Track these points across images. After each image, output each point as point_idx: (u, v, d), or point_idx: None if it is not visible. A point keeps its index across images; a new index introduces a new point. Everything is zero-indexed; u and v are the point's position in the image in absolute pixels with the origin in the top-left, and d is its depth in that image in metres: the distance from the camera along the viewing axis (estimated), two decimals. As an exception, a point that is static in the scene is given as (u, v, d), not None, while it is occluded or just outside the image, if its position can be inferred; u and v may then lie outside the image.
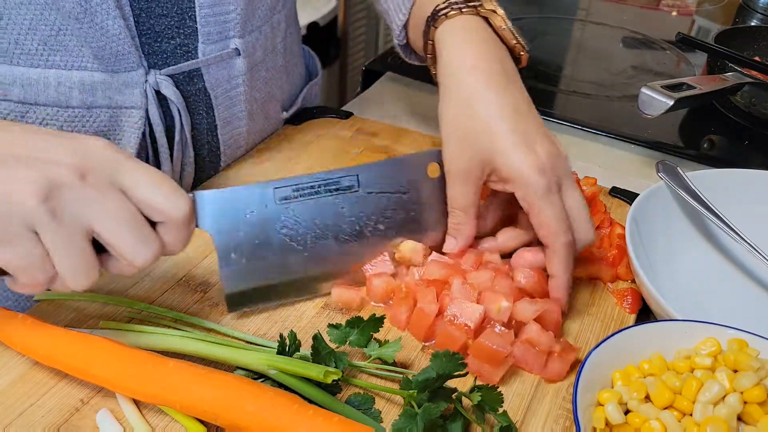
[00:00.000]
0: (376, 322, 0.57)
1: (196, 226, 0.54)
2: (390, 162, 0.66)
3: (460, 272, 0.63)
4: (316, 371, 0.50)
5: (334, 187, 0.62)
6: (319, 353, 0.54)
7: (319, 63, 0.98)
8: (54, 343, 0.53)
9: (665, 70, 1.18)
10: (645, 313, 0.66)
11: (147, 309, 0.60)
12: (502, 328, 0.58)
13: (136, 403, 0.53)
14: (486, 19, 0.62)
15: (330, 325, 0.57)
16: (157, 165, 0.73)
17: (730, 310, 0.68)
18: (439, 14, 0.63)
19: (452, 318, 0.58)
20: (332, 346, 0.55)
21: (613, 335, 0.54)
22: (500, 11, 0.61)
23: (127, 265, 0.48)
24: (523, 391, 0.57)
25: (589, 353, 0.52)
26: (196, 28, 0.68)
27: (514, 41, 0.63)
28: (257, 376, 0.53)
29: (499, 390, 0.51)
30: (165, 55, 0.68)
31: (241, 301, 0.61)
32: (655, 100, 0.85)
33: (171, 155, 0.73)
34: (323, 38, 2.15)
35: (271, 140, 0.88)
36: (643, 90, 0.86)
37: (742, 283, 0.72)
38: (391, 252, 0.65)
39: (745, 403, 0.49)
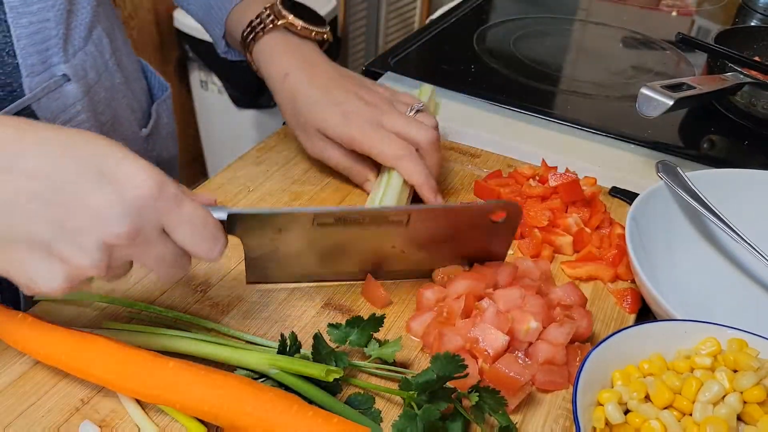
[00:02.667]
0: (376, 321, 0.57)
1: (230, 233, 0.55)
2: (450, 209, 0.63)
3: (491, 284, 0.63)
4: (317, 370, 0.50)
5: (380, 221, 0.60)
6: (320, 353, 0.54)
7: (163, 79, 0.92)
8: (54, 343, 0.53)
9: (665, 70, 1.18)
10: (645, 313, 0.66)
11: (147, 309, 0.60)
12: (525, 358, 0.57)
13: (140, 403, 0.53)
14: (285, 27, 0.73)
15: (330, 325, 0.57)
16: None
17: (730, 310, 0.68)
18: (248, 40, 0.74)
19: (473, 341, 0.57)
20: (332, 345, 0.55)
21: (612, 335, 0.54)
22: (291, 17, 0.72)
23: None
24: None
25: (589, 353, 0.52)
26: (18, 63, 0.62)
27: (313, 32, 0.74)
28: (258, 376, 0.53)
29: (501, 393, 0.51)
30: None
31: (260, 278, 0.64)
32: (655, 100, 0.85)
33: None
34: (323, 38, 2.14)
35: (270, 139, 0.88)
36: (643, 90, 0.85)
37: (742, 283, 0.72)
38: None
39: (745, 403, 0.49)
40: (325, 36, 0.76)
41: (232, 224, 0.55)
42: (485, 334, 0.57)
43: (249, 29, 0.74)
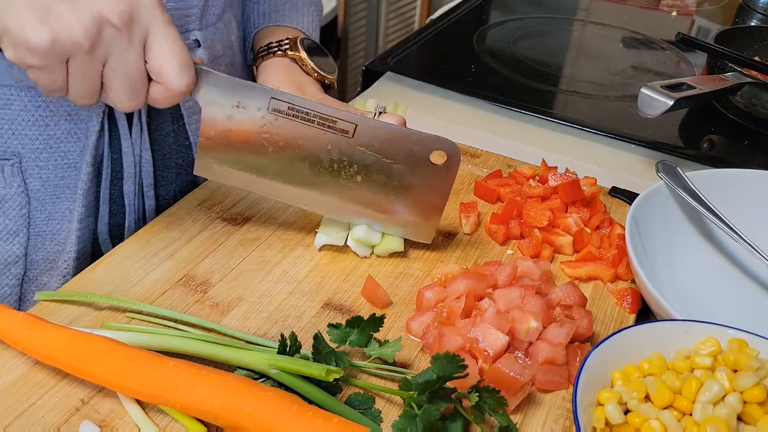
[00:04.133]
0: (376, 321, 0.57)
1: (190, 95, 0.60)
2: (395, 129, 0.65)
3: (491, 284, 0.63)
4: (318, 369, 0.50)
5: (328, 124, 0.63)
6: (320, 352, 0.54)
7: None
8: (54, 343, 0.53)
9: (665, 70, 1.19)
10: (645, 313, 0.66)
11: (147, 309, 0.60)
12: (525, 358, 0.57)
13: (140, 403, 0.53)
14: (293, 59, 0.80)
15: (330, 325, 0.57)
16: (118, 142, 0.73)
17: (730, 310, 0.68)
18: (259, 55, 0.82)
19: (473, 341, 0.57)
20: (332, 345, 0.55)
21: (613, 335, 0.54)
22: (303, 54, 0.80)
23: (114, 104, 0.57)
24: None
25: (589, 353, 0.52)
26: None
27: (315, 74, 0.80)
28: (258, 376, 0.54)
29: (501, 393, 0.51)
30: None
31: (209, 168, 0.67)
32: (655, 100, 0.85)
33: (130, 135, 0.73)
34: (323, 38, 2.15)
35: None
36: (643, 90, 0.86)
37: (742, 283, 0.72)
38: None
39: (745, 402, 0.49)
40: (326, 81, 0.82)
41: (199, 78, 0.60)
42: (485, 334, 0.57)
43: (265, 48, 0.82)
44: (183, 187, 0.82)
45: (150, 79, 0.56)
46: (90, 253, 0.76)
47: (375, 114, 0.75)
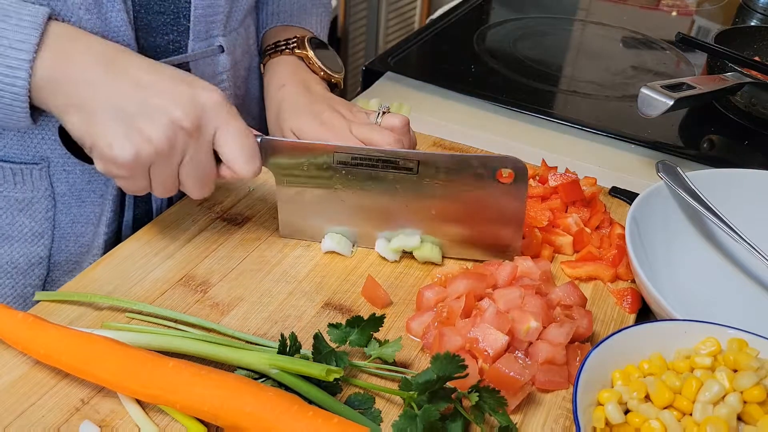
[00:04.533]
0: (376, 321, 0.57)
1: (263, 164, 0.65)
2: (457, 156, 0.66)
3: (491, 284, 0.64)
4: (318, 369, 0.50)
5: (392, 164, 0.66)
6: (321, 352, 0.54)
7: None
8: (54, 343, 0.54)
9: (665, 70, 1.19)
10: (645, 313, 0.66)
11: (147, 309, 0.60)
12: (525, 358, 0.57)
13: (140, 403, 0.53)
14: (301, 57, 0.83)
15: (330, 325, 0.57)
16: None
17: (730, 310, 0.68)
18: (266, 53, 0.85)
19: (473, 341, 0.57)
20: (332, 345, 0.55)
21: (613, 335, 0.54)
22: (310, 53, 0.82)
23: (189, 193, 0.63)
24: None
25: (589, 353, 0.52)
26: (189, 26, 0.73)
27: (322, 72, 0.82)
28: (258, 376, 0.53)
29: (501, 393, 0.51)
30: (158, 49, 0.71)
31: (291, 228, 0.72)
32: (655, 100, 0.85)
33: None
34: (323, 38, 2.14)
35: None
36: (643, 90, 0.86)
37: (742, 283, 0.72)
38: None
39: (745, 402, 0.49)
40: (333, 80, 0.83)
41: (264, 151, 0.64)
42: (485, 334, 0.57)
43: (273, 46, 0.84)
44: None
45: (219, 161, 0.62)
46: None
47: (378, 113, 0.75)
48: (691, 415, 0.49)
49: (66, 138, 0.61)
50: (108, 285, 0.64)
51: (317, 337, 0.54)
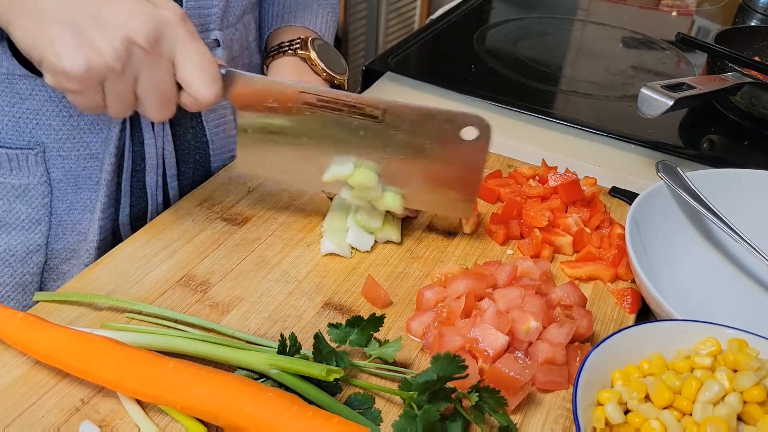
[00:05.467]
0: (376, 321, 0.57)
1: (224, 98, 0.63)
2: (423, 108, 0.66)
3: (491, 284, 0.64)
4: (318, 369, 0.50)
5: (357, 110, 0.65)
6: (321, 352, 0.54)
7: None
8: (54, 343, 0.53)
9: (665, 70, 1.18)
10: (645, 313, 0.66)
11: (147, 309, 0.60)
12: (525, 358, 0.57)
13: (140, 403, 0.53)
14: (304, 59, 0.82)
15: (330, 325, 0.57)
16: (140, 134, 0.75)
17: (730, 310, 0.68)
18: (270, 53, 0.85)
19: (473, 341, 0.57)
20: (332, 345, 0.55)
21: (613, 335, 0.54)
22: (313, 54, 0.82)
23: (147, 115, 0.60)
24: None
25: (589, 353, 0.52)
26: None
27: (325, 74, 0.82)
28: (258, 376, 0.53)
29: (501, 393, 0.51)
30: None
31: (251, 164, 0.70)
32: (655, 100, 0.85)
33: (152, 127, 0.75)
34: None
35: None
36: (643, 90, 0.86)
37: (742, 283, 0.72)
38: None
39: (745, 402, 0.49)
40: (336, 81, 0.83)
41: (228, 84, 0.63)
42: (485, 334, 0.57)
43: (276, 47, 0.84)
44: (198, 181, 0.83)
45: (180, 88, 0.59)
46: (111, 242, 0.78)
47: None
48: (691, 415, 0.49)
49: (19, 52, 0.59)
50: (108, 285, 0.64)
51: (317, 337, 0.54)
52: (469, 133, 0.66)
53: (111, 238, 0.78)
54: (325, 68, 0.82)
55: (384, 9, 2.63)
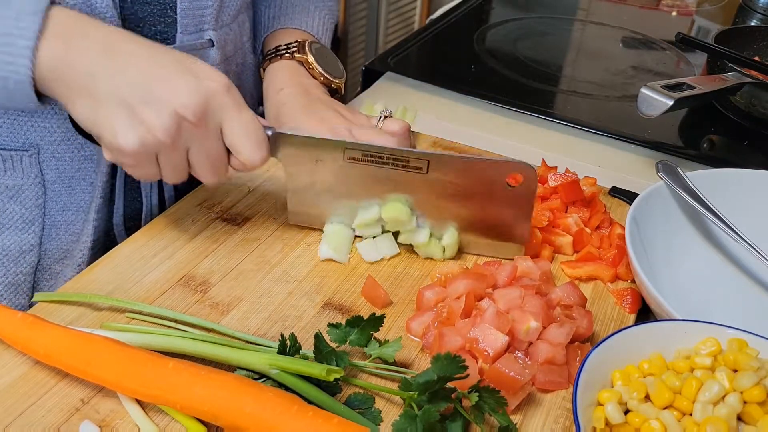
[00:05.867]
0: (376, 321, 0.57)
1: (273, 155, 0.66)
2: (468, 159, 0.67)
3: (491, 284, 0.64)
4: (319, 369, 0.50)
5: (402, 163, 0.66)
6: (321, 352, 0.54)
7: None
8: (54, 343, 0.53)
9: (665, 70, 1.18)
10: (645, 313, 0.66)
11: (147, 309, 0.60)
12: (525, 358, 0.57)
13: (140, 403, 0.53)
14: (301, 62, 0.83)
15: (330, 325, 0.57)
16: None
17: (730, 310, 0.68)
18: (266, 57, 0.85)
19: (473, 341, 0.57)
20: (332, 345, 0.55)
21: (612, 335, 0.54)
22: (310, 58, 0.82)
23: (202, 180, 0.64)
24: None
25: (589, 353, 0.52)
26: (176, 18, 0.73)
27: (322, 77, 0.83)
28: (258, 376, 0.53)
29: (501, 393, 0.51)
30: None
31: (299, 217, 0.73)
32: (655, 100, 0.85)
33: None
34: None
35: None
36: (643, 90, 0.85)
37: (742, 283, 0.72)
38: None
39: (745, 402, 0.49)
40: (333, 85, 0.84)
41: (275, 144, 0.66)
42: (485, 334, 0.57)
43: (273, 50, 0.84)
44: (196, 184, 0.83)
45: (230, 152, 0.62)
46: (104, 243, 0.78)
47: (380, 118, 0.75)
48: (691, 415, 0.49)
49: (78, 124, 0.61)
50: (107, 285, 0.64)
51: (318, 337, 0.54)
52: (515, 179, 0.66)
53: (104, 239, 0.78)
54: (322, 72, 0.82)
55: (384, 9, 2.63)
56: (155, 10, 0.72)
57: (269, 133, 0.64)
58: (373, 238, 0.71)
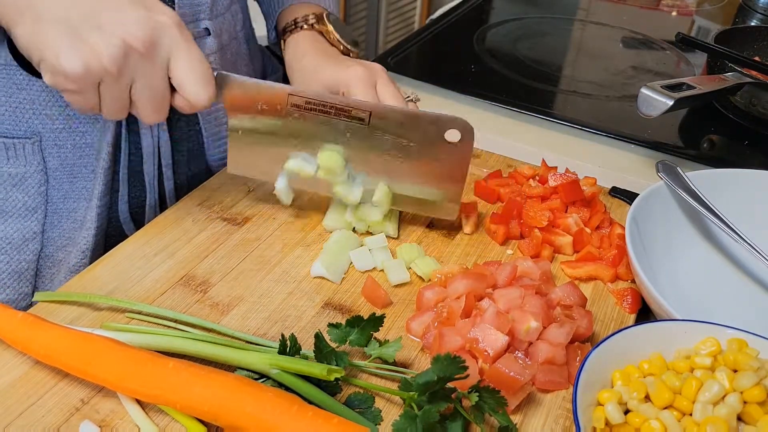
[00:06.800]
0: (376, 321, 0.57)
1: (217, 100, 0.64)
2: (409, 112, 0.68)
3: (491, 284, 0.64)
4: (319, 369, 0.50)
5: (344, 113, 0.67)
6: (322, 351, 0.54)
7: (276, 62, 1.05)
8: (54, 343, 0.53)
9: (665, 70, 1.19)
10: (645, 313, 0.66)
11: (147, 309, 0.60)
12: (525, 358, 0.57)
13: (140, 403, 0.53)
14: (321, 32, 0.84)
15: (330, 325, 0.57)
16: (136, 123, 0.76)
17: (730, 310, 0.68)
18: (286, 30, 0.86)
19: (473, 341, 0.57)
20: (332, 345, 0.55)
21: (613, 335, 0.54)
22: (330, 27, 0.84)
23: (141, 117, 0.62)
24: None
25: (589, 353, 0.52)
26: (174, 8, 0.74)
27: (341, 46, 0.84)
28: (258, 376, 0.53)
29: (501, 393, 0.51)
30: None
31: (241, 165, 0.72)
32: (655, 100, 0.85)
33: None
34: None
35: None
36: (643, 90, 0.85)
37: (742, 283, 0.72)
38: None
39: (745, 402, 0.49)
40: (351, 54, 0.84)
41: (220, 86, 0.65)
42: (485, 334, 0.57)
43: (292, 23, 0.85)
44: (195, 174, 0.84)
45: (174, 90, 0.60)
46: (106, 230, 0.79)
47: (407, 96, 0.77)
48: (691, 415, 0.49)
49: (18, 53, 0.60)
50: (108, 285, 0.64)
51: (318, 337, 0.54)
52: (453, 135, 0.67)
53: (106, 226, 0.79)
54: (340, 40, 0.83)
55: (384, 9, 2.63)
56: None
57: (215, 73, 0.63)
58: (369, 250, 0.71)
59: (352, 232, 0.73)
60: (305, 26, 0.84)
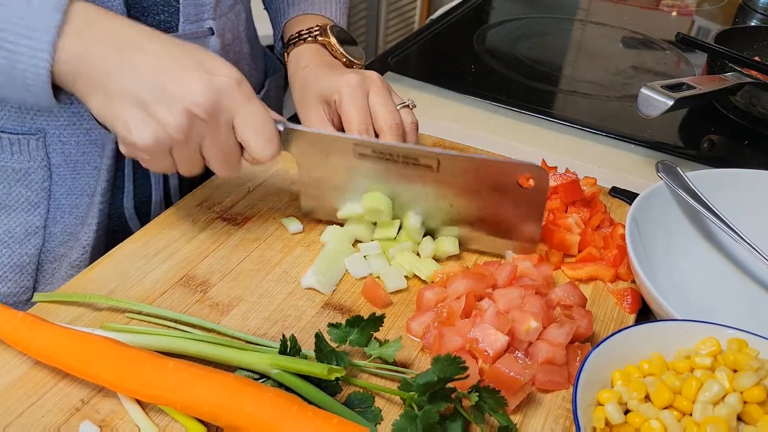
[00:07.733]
0: (376, 321, 0.57)
1: (285, 150, 0.67)
2: (478, 159, 0.67)
3: (491, 284, 0.64)
4: (320, 368, 0.50)
5: (412, 161, 0.67)
6: (322, 351, 0.54)
7: (279, 63, 1.05)
8: (54, 343, 0.54)
9: (665, 70, 1.18)
10: (645, 313, 0.66)
11: (147, 309, 0.60)
12: (525, 358, 0.57)
13: (140, 403, 0.53)
14: (323, 45, 0.84)
15: (330, 325, 0.57)
16: None
17: (730, 310, 0.68)
18: (290, 42, 0.86)
19: (473, 341, 0.57)
20: (332, 345, 0.55)
21: (613, 335, 0.54)
22: (333, 40, 0.84)
23: (216, 172, 0.64)
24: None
25: (589, 353, 0.52)
26: (179, 7, 0.75)
27: (344, 59, 0.84)
28: (258, 376, 0.53)
29: (501, 393, 0.51)
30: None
31: (311, 209, 0.74)
32: (655, 100, 0.85)
33: None
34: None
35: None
36: (643, 90, 0.85)
37: (742, 283, 0.72)
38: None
39: (745, 402, 0.49)
40: (354, 66, 0.85)
41: (286, 139, 0.66)
42: (485, 335, 0.57)
43: (296, 35, 0.86)
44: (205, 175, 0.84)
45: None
46: (107, 226, 0.80)
47: (402, 102, 0.77)
48: (691, 415, 0.49)
49: None
50: (108, 285, 0.64)
51: (318, 337, 0.54)
52: (526, 181, 0.66)
53: (108, 221, 0.79)
54: (344, 53, 0.84)
55: (384, 9, 2.63)
56: (159, 1, 0.73)
57: (281, 128, 0.65)
58: (364, 257, 0.69)
59: (347, 240, 0.71)
60: (309, 39, 0.84)
